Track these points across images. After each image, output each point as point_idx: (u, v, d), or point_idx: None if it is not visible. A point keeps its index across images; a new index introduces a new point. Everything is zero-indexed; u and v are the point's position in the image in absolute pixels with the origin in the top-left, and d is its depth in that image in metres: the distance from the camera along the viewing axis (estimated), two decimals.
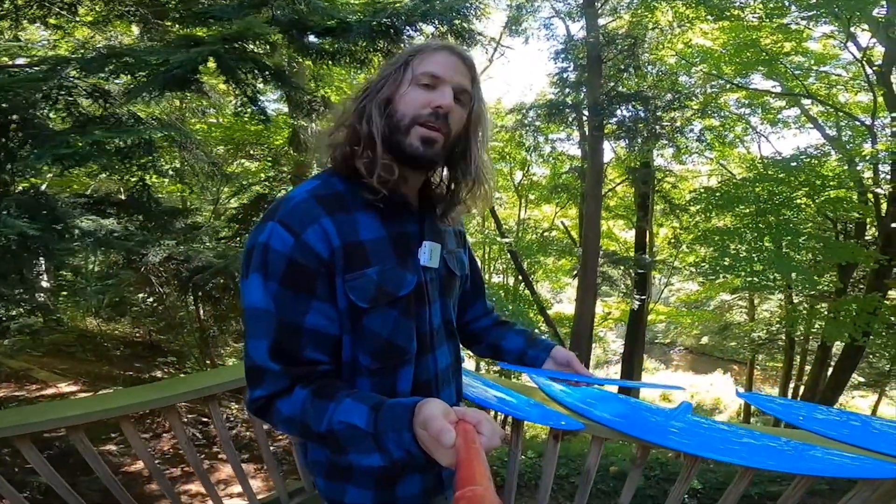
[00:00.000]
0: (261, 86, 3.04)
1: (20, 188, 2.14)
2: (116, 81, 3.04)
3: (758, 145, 10.68)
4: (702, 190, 8.61)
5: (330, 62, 2.89)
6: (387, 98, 0.83)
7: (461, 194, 0.92)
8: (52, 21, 3.95)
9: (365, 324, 0.83)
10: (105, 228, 3.51)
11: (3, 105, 1.72)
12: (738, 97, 9.08)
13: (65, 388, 5.51)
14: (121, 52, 2.27)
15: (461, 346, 1.08)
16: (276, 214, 0.78)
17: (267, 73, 2.52)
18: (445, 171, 0.94)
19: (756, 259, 7.21)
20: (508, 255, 11.36)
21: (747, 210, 7.58)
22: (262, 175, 7.40)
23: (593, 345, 12.16)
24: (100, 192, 5.53)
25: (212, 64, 2.51)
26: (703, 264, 8.63)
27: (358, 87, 0.90)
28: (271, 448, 2.13)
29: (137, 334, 8.85)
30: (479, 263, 1.13)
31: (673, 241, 10.95)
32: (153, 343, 8.27)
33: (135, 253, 3.59)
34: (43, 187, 4.03)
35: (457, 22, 2.21)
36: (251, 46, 2.48)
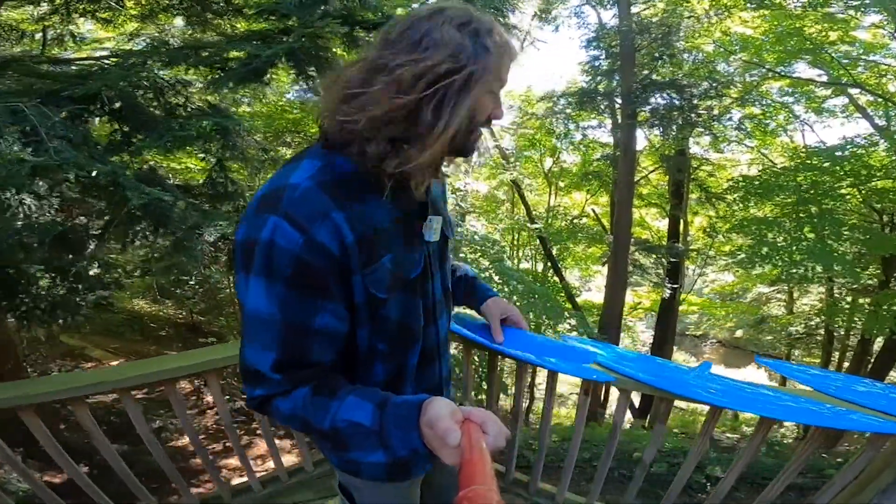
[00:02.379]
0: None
1: (136, 167, 2.33)
2: (186, 74, 3.20)
3: (801, 134, 10.27)
4: (740, 178, 8.38)
5: None
6: (474, 95, 0.72)
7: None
8: (102, 15, 4.15)
9: (382, 313, 0.80)
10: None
11: (112, 94, 1.86)
12: (781, 85, 8.74)
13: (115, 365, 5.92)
14: (196, 47, 2.44)
15: None
16: (278, 207, 0.69)
17: (326, 66, 2.65)
18: None
19: (794, 249, 7.02)
20: (538, 242, 11.35)
21: (788, 199, 7.37)
22: None
23: (622, 334, 12.07)
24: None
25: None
26: (738, 253, 8.46)
27: (405, 44, 0.70)
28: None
29: (180, 316, 9.24)
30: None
31: (708, 230, 10.70)
32: (195, 324, 8.66)
33: (192, 233, 3.82)
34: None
35: (494, 16, 2.27)
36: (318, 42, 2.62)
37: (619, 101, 8.11)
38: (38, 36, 4.24)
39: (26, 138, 1.08)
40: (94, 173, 1.24)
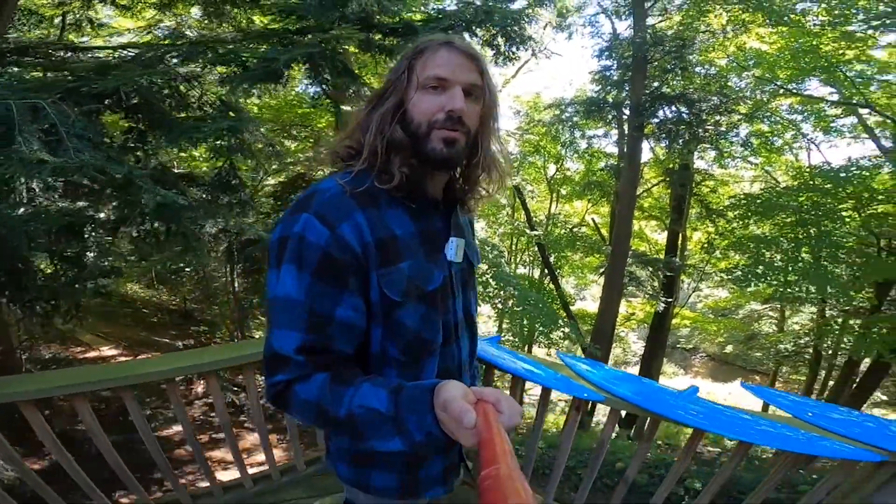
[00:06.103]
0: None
1: (152, 165, 2.30)
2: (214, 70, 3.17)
3: (807, 153, 10.31)
4: (742, 196, 8.41)
5: (388, 58, 3.00)
6: (396, 105, 0.84)
7: (478, 183, 0.95)
8: (121, 2, 4.09)
9: (396, 317, 0.84)
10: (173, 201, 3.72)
11: (129, 90, 1.81)
12: (791, 103, 8.75)
13: (107, 351, 5.81)
14: (213, 43, 2.39)
15: None
16: (310, 206, 0.79)
17: (340, 68, 2.62)
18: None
19: (791, 269, 7.06)
20: (536, 248, 11.35)
21: (788, 219, 7.40)
22: (301, 155, 7.59)
23: (613, 344, 12.09)
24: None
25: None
26: (735, 271, 8.49)
27: (368, 96, 0.91)
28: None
29: (173, 302, 9.16)
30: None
31: (706, 245, 10.74)
32: (187, 312, 8.59)
33: (194, 224, 3.79)
34: None
35: (510, 28, 2.28)
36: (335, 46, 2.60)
37: (627, 112, 8.10)
38: (57, 21, 4.16)
39: (46, 137, 1.04)
40: (116, 175, 1.20)
